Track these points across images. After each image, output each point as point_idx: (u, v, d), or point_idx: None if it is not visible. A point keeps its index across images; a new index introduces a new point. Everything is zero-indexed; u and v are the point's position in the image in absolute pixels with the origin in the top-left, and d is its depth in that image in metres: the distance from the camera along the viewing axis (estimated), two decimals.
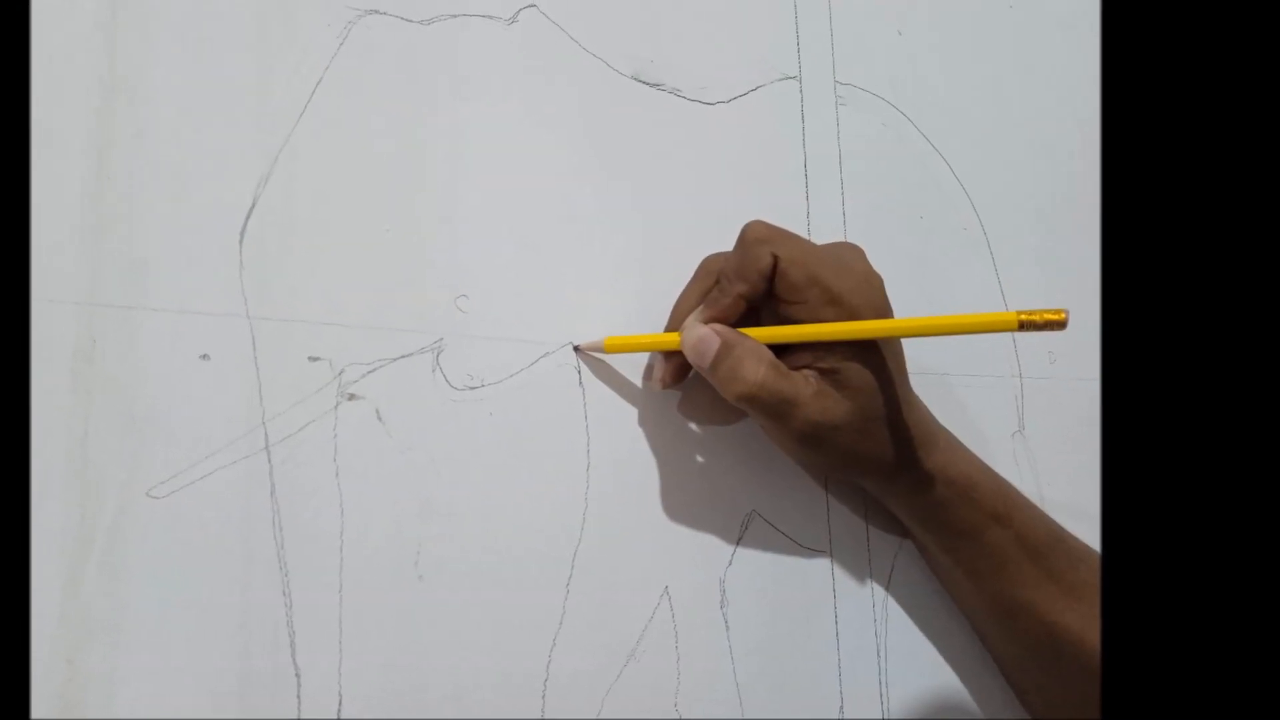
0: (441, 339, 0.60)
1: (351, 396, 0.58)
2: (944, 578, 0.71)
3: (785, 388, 0.59)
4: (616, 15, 0.69)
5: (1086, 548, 0.68)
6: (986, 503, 0.66)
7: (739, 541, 0.67)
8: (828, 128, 0.75)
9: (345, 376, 0.58)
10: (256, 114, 0.58)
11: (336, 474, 0.57)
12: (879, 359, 0.62)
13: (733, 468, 0.68)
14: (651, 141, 0.69)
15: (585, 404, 0.64)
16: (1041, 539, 0.66)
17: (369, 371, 0.58)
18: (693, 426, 0.67)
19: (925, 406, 0.67)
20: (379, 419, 0.58)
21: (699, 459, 0.67)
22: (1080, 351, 0.81)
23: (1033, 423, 0.79)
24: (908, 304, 0.64)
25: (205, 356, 0.55)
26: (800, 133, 0.74)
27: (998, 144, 0.83)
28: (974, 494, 0.66)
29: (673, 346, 0.62)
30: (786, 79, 0.75)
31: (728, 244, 0.63)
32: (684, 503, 0.66)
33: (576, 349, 0.64)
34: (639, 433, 0.65)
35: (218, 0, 0.58)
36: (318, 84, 0.59)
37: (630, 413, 0.65)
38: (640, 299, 0.66)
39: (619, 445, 0.65)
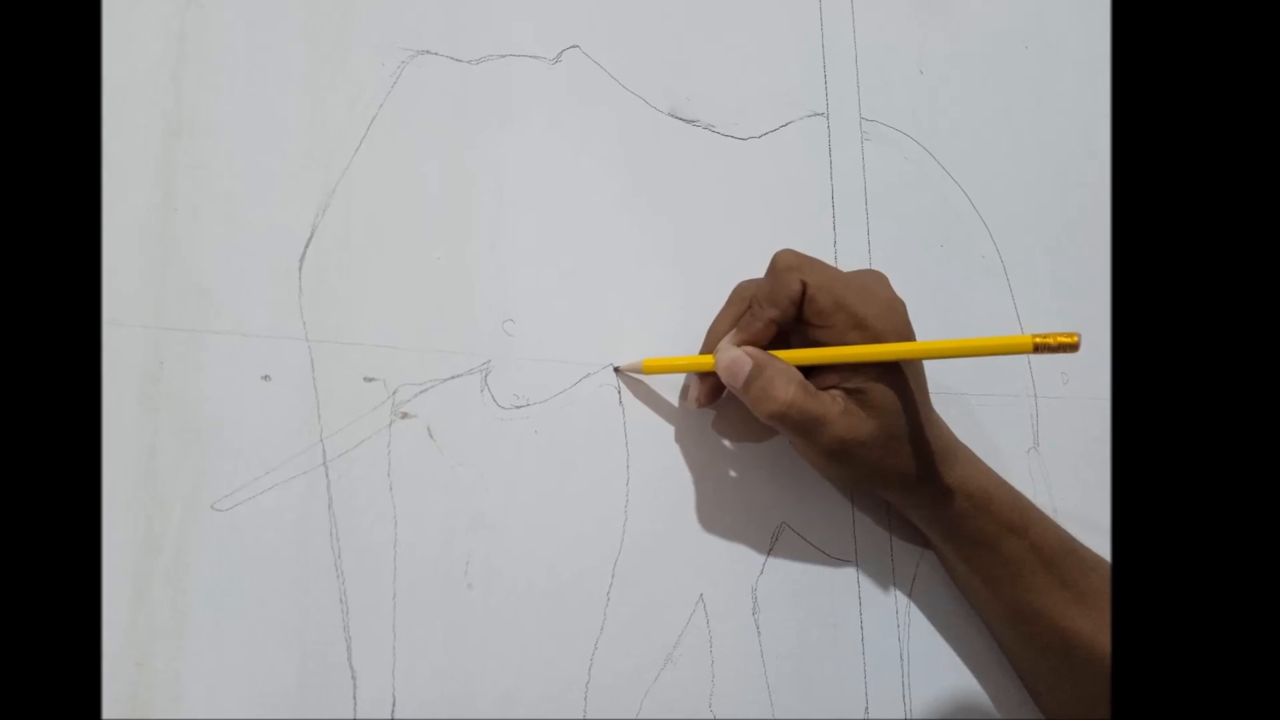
0: (489, 360, 0.60)
1: (404, 415, 0.57)
2: (963, 585, 0.70)
3: (814, 407, 0.59)
4: (654, 55, 0.68)
5: (1097, 557, 0.67)
6: (1003, 515, 0.65)
7: (770, 551, 0.66)
8: (853, 161, 0.75)
9: (398, 396, 0.57)
10: (315, 148, 0.57)
11: (390, 488, 0.56)
12: (902, 379, 0.61)
13: (764, 482, 0.67)
14: (687, 174, 0.68)
15: (625, 422, 0.63)
16: (1055, 549, 0.66)
17: (421, 391, 0.58)
18: (726, 443, 0.66)
19: (945, 424, 0.66)
20: (430, 436, 0.57)
21: (732, 474, 0.66)
22: (1091, 372, 0.80)
23: (1046, 439, 0.78)
24: (929, 327, 0.64)
25: (266, 377, 0.54)
26: (827, 166, 0.73)
27: (1013, 176, 0.82)
28: (991, 506, 0.65)
29: (707, 368, 0.61)
30: (814, 115, 0.74)
31: (759, 271, 0.62)
32: (718, 515, 0.65)
33: (617, 370, 0.63)
34: (675, 449, 0.64)
35: (278, 42, 0.57)
36: (373, 120, 0.59)
37: (667, 430, 0.64)
38: (677, 323, 0.65)
39: (657, 461, 0.64)
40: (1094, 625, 0.64)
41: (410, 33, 0.61)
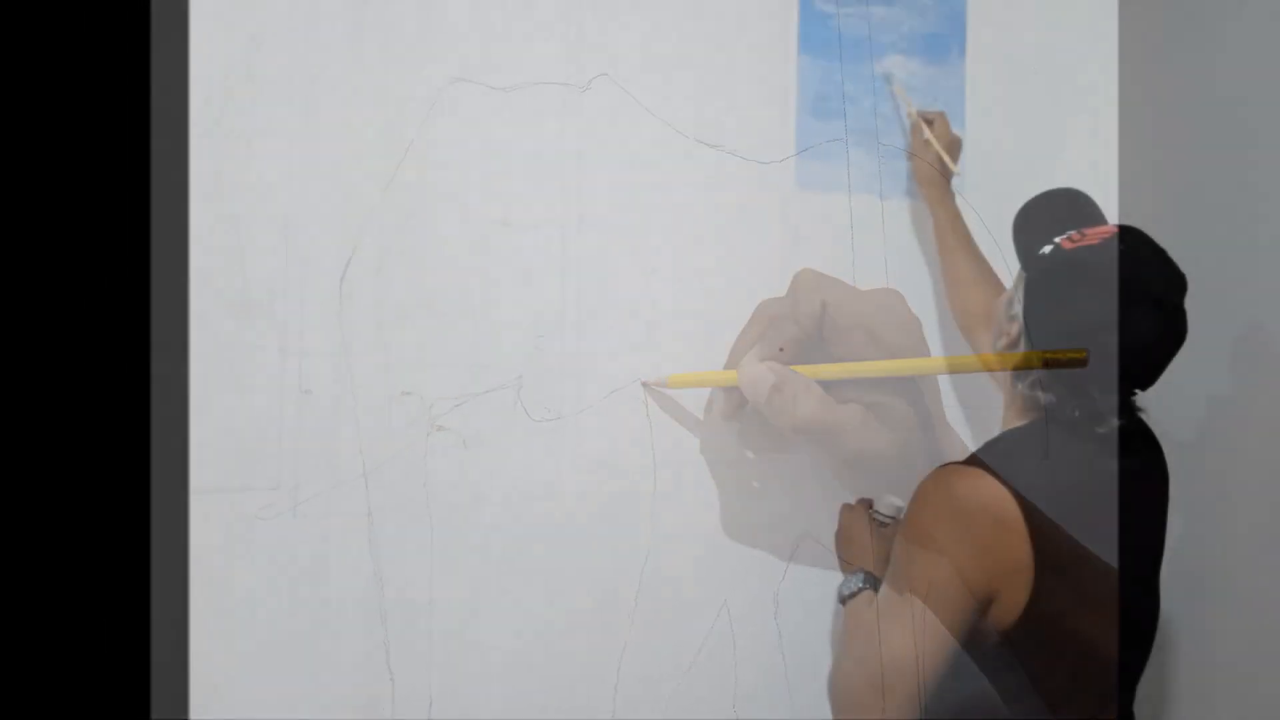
0: (522, 375, 0.59)
1: (440, 427, 0.57)
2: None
3: (833, 419, 0.58)
4: (681, 83, 0.68)
5: (1106, 564, 0.67)
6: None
7: (791, 559, 0.66)
8: (871, 185, 0.74)
9: (435, 409, 0.57)
10: (356, 171, 0.56)
11: (427, 497, 0.56)
12: (917, 393, 0.60)
13: (785, 493, 0.66)
14: (712, 197, 0.68)
15: (652, 434, 0.63)
16: (1066, 556, 0.65)
17: (456, 405, 0.57)
18: (749, 455, 0.66)
19: (958, 435, 0.65)
20: (465, 448, 0.57)
21: (755, 484, 0.66)
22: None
23: (1056, 451, 0.78)
24: (942, 345, 0.64)
25: (308, 391, 0.54)
26: (846, 189, 0.73)
27: (1023, 197, 0.81)
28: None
29: (731, 382, 0.61)
30: (834, 141, 0.74)
31: (781, 290, 0.62)
32: (741, 523, 0.64)
33: (644, 385, 0.63)
34: (700, 460, 0.64)
35: (322, 71, 0.57)
36: (411, 144, 0.58)
37: (692, 442, 0.64)
38: (701, 340, 0.65)
39: (682, 471, 0.63)
40: (1104, 630, 0.64)
41: (447, 62, 0.61)
